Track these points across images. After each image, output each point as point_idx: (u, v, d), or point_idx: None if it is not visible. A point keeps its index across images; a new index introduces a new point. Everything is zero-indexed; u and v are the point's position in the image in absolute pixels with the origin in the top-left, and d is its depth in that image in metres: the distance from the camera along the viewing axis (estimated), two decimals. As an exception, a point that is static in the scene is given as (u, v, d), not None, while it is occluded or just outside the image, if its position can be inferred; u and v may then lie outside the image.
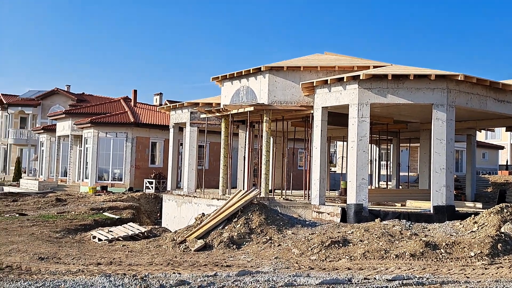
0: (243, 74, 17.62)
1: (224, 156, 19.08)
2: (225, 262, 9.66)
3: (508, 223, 11.49)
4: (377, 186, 27.10)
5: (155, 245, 12.09)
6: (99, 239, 13.40)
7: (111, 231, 14.10)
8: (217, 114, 18.89)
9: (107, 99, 42.57)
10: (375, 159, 26.38)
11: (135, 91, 34.55)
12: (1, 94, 50.09)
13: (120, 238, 13.37)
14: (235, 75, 17.98)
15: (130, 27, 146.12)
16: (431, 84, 14.18)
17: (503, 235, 10.58)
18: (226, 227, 11.97)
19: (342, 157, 26.60)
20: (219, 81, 19.16)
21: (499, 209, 12.41)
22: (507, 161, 47.14)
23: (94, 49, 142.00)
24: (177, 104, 22.29)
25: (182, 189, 21.70)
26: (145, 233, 13.91)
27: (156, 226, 16.84)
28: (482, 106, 15.13)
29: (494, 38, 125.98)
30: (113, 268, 9.25)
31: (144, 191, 26.44)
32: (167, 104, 26.54)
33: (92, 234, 14.10)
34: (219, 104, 19.36)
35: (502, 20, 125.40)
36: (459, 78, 13.95)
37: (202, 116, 20.33)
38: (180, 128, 23.50)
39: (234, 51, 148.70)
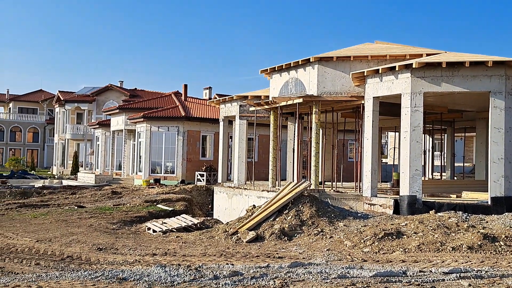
0: (291, 65, 17.55)
1: (273, 149, 19.13)
2: (277, 253, 9.74)
3: None
4: (430, 177, 26.29)
5: (208, 236, 12.34)
6: (154, 231, 13.82)
7: (165, 223, 14.52)
8: (266, 106, 18.94)
9: (159, 94, 43.71)
10: (429, 149, 25.58)
11: (186, 86, 35.21)
12: (59, 91, 52.64)
13: (173, 230, 13.74)
14: (283, 67, 17.95)
15: (180, 22, 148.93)
16: (488, 71, 13.57)
17: None
18: (277, 219, 12.05)
19: (394, 148, 25.99)
20: (267, 73, 19.18)
21: None
22: None
23: (145, 45, 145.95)
24: (227, 97, 22.53)
25: (233, 181, 21.98)
26: (198, 225, 14.23)
27: (208, 218, 17.20)
28: (545, 92, 14.31)
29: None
30: (168, 258, 9.55)
31: (195, 184, 27.01)
32: (216, 98, 26.90)
33: (147, 226, 14.57)
34: (267, 96, 19.40)
35: None
36: (519, 64, 13.27)
37: (251, 109, 20.46)
38: (229, 121, 23.78)
39: (282, 43, 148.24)
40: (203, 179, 27.34)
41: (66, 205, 19.68)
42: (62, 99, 50.23)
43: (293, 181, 17.77)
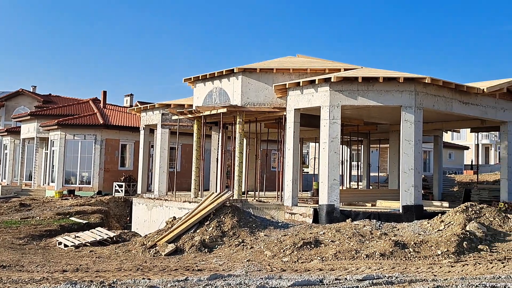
0: (215, 75, 17.51)
1: (196, 158, 18.89)
2: (196, 266, 9.53)
3: (473, 221, 11.78)
4: (348, 186, 27.39)
5: (124, 250, 11.84)
6: (65, 245, 13.04)
7: (78, 237, 13.75)
8: (189, 115, 18.70)
9: (75, 100, 41.61)
10: (346, 160, 26.67)
11: (105, 92, 33.89)
12: (-37, 95, 48.35)
13: (87, 244, 13.03)
14: (207, 76, 17.85)
15: (100, 26, 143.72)
16: (399, 86, 14.42)
17: (468, 233, 10.84)
18: (198, 231, 11.84)
19: (315, 158, 26.80)
20: (191, 82, 18.98)
21: (464, 208, 12.72)
22: (472, 161, 48.57)
23: (62, 49, 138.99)
24: (148, 105, 21.97)
25: (153, 192, 21.39)
26: (114, 238, 13.62)
27: (126, 231, 16.54)
28: (448, 108, 15.49)
29: (461, 42, 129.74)
30: (80, 275, 8.99)
31: (113, 195, 25.91)
32: (137, 106, 26.13)
33: (57, 240, 13.70)
34: (191, 105, 19.18)
35: (469, 25, 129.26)
36: (426, 81, 14.22)
37: (174, 117, 20.09)
38: (151, 130, 23.18)
39: (207, 53, 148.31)
40: (122, 190, 26.31)
41: (-34, 219, 17.94)
42: (-34, 103, 46.15)
43: (216, 191, 17.64)
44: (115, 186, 26.71)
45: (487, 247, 10.26)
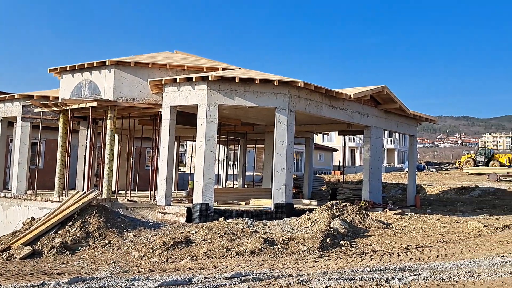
0: (85, 67, 16.36)
1: (61, 155, 17.48)
2: (55, 269, 8.75)
3: (337, 218, 12.62)
4: (224, 185, 27.70)
5: (-30, 255, 10.42)
6: None
7: None
8: (55, 108, 17.24)
9: None
10: (223, 159, 26.94)
11: (-45, 78, 29.88)
12: None
13: None
14: (76, 68, 16.61)
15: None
16: (275, 89, 14.90)
17: (332, 229, 11.57)
18: (59, 232, 10.91)
19: (192, 157, 26.61)
20: (58, 73, 17.50)
21: (330, 206, 13.59)
22: (339, 162, 52.57)
23: None
24: (7, 96, 19.79)
25: (10, 190, 19.33)
26: (-41, 242, 11.92)
27: (-25, 234, 14.63)
28: (318, 112, 16.43)
29: (334, 50, 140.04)
30: None
31: (-38, 194, 22.86)
32: (-5, 95, 23.38)
33: None
34: (57, 97, 17.70)
35: (344, 35, 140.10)
36: (299, 85, 14.90)
37: (37, 110, 18.36)
38: (10, 122, 20.93)
39: (77, 44, 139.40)
40: (-26, 189, 23.32)
41: None
42: None
43: (83, 190, 16.49)
44: (-35, 185, 23.58)
45: (348, 243, 11.02)
